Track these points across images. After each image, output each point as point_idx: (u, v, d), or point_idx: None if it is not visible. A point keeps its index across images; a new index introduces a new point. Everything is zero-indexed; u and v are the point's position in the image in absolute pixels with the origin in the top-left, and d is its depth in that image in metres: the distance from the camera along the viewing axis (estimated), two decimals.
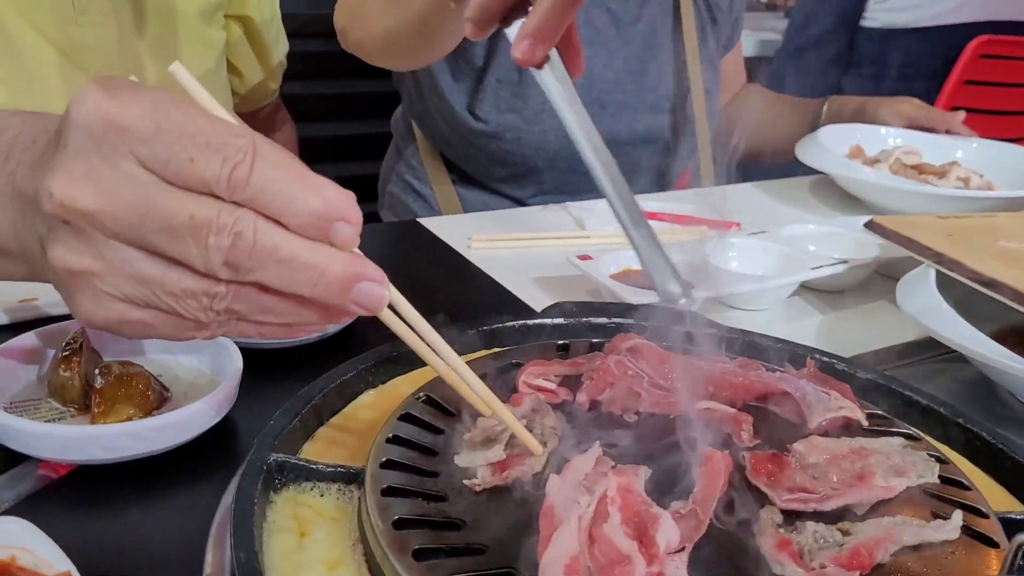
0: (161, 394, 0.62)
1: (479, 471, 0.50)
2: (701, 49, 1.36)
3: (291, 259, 0.41)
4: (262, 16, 1.30)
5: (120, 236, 0.40)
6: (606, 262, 0.86)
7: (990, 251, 0.77)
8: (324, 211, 0.41)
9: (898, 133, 1.34)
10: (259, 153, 0.40)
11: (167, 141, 0.39)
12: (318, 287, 0.43)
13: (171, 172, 0.40)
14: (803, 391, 0.56)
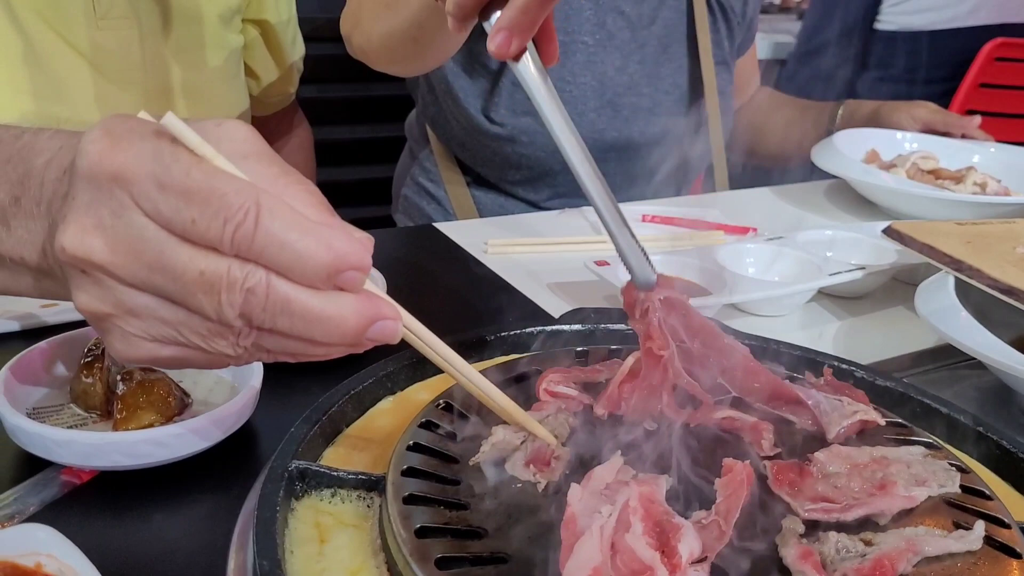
0: (182, 400, 0.62)
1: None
2: (715, 52, 1.36)
3: (305, 313, 0.42)
4: (279, 19, 1.30)
5: (136, 285, 0.41)
6: (624, 267, 0.86)
7: (1009, 258, 0.77)
8: (333, 265, 0.42)
9: (914, 138, 1.34)
10: (263, 210, 0.40)
11: (169, 200, 0.39)
12: (334, 336, 0.43)
13: (177, 229, 0.40)
14: (816, 400, 0.56)
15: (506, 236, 1.03)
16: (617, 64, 1.27)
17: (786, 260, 0.92)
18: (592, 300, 0.87)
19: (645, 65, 1.29)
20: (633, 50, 1.28)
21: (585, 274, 0.88)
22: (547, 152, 1.26)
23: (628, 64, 1.28)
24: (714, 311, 0.83)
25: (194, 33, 1.15)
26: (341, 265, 0.42)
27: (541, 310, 0.85)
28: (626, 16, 1.27)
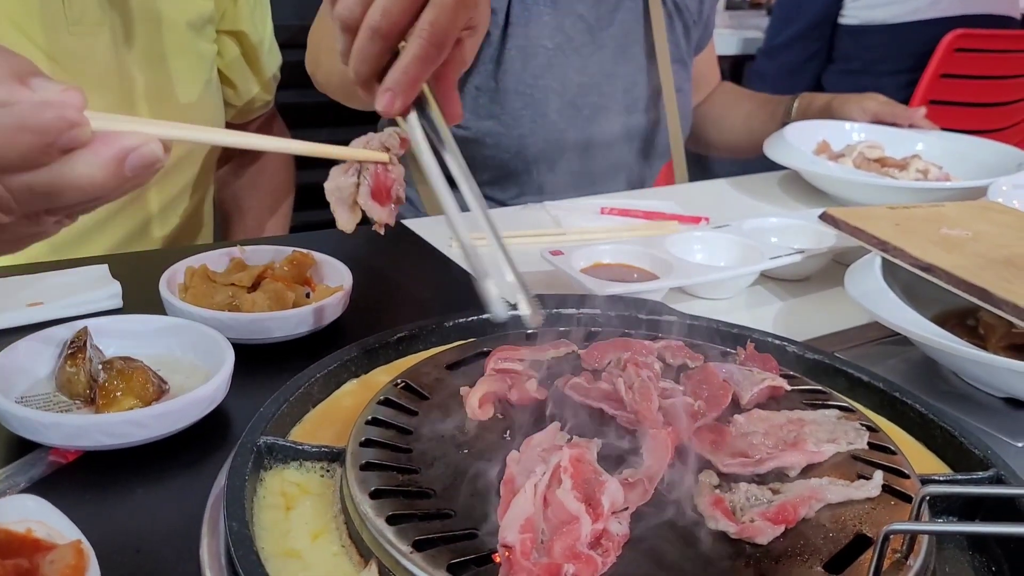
0: (160, 386, 0.67)
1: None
2: (672, 50, 1.41)
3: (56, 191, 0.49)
4: (255, 30, 1.32)
5: None
6: (577, 257, 0.92)
7: (933, 238, 0.83)
8: (43, 141, 0.48)
9: (862, 128, 1.40)
10: None
11: None
12: (97, 191, 0.50)
13: None
14: (729, 371, 0.61)
15: (471, 231, 1.08)
16: (576, 66, 1.33)
17: (732, 247, 0.97)
18: (552, 288, 0.92)
19: (604, 66, 1.35)
20: (592, 52, 1.33)
21: (543, 263, 0.93)
22: (511, 153, 1.31)
23: (588, 65, 1.33)
24: (662, 295, 0.88)
25: (165, 40, 1.17)
26: (49, 138, 0.48)
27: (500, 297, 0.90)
28: (584, 19, 1.32)
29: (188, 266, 0.82)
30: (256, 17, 1.32)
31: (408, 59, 0.61)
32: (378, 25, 0.61)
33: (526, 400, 0.61)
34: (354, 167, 0.64)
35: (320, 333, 0.79)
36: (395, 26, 0.61)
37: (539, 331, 0.73)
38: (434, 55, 0.61)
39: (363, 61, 0.63)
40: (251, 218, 1.43)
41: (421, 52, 0.61)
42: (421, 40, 0.61)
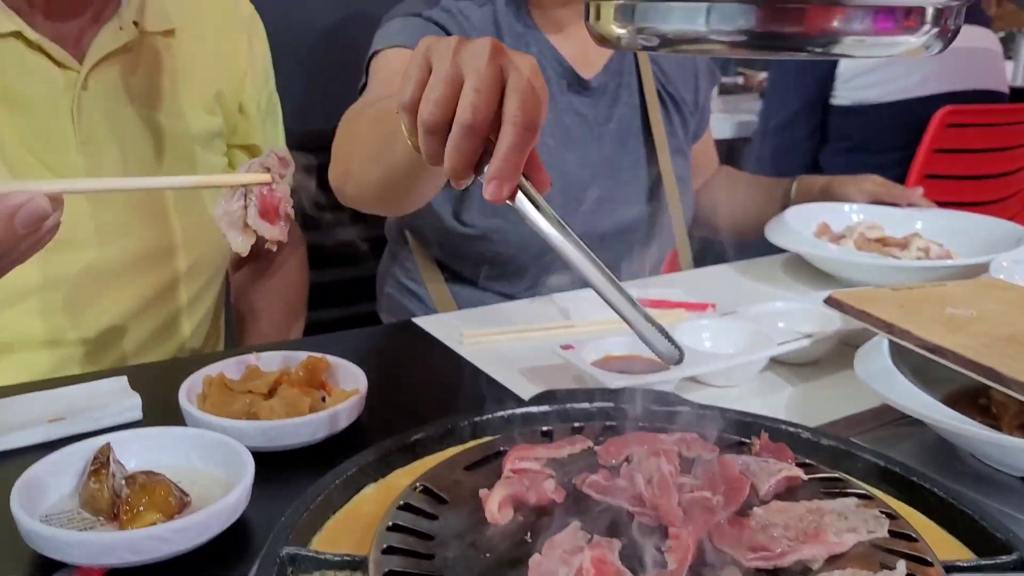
0: (181, 499, 0.68)
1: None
2: (671, 141, 1.44)
3: None
4: (267, 141, 1.34)
5: None
6: (588, 350, 0.93)
7: (938, 318, 0.84)
8: None
9: (860, 209, 1.42)
10: None
11: None
12: None
13: None
14: (745, 463, 0.62)
15: (481, 327, 1.10)
16: (578, 160, 1.36)
17: (740, 333, 0.98)
18: (561, 382, 0.94)
19: (605, 159, 1.38)
20: (592, 146, 1.37)
21: (554, 358, 0.94)
22: (519, 248, 1.33)
23: (589, 159, 1.37)
24: (673, 385, 0.89)
25: (172, 155, 1.19)
26: None
27: (513, 394, 0.91)
28: (583, 116, 1.36)
29: (206, 375, 0.83)
30: (267, 129, 1.34)
31: (506, 147, 0.64)
32: (471, 122, 0.64)
33: (544, 501, 0.61)
34: (239, 191, 0.68)
35: (338, 437, 0.80)
36: (485, 120, 0.65)
37: (554, 428, 0.74)
38: (529, 138, 0.65)
39: (459, 157, 0.66)
40: (266, 321, 1.43)
41: (517, 139, 0.64)
42: (515, 127, 0.64)
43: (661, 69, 1.45)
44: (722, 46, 0.46)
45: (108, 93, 1.12)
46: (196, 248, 1.22)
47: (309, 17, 2.15)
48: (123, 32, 1.11)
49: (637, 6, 0.48)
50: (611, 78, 1.39)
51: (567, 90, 1.35)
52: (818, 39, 0.44)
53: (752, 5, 0.43)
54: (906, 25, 0.45)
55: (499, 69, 0.65)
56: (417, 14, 1.27)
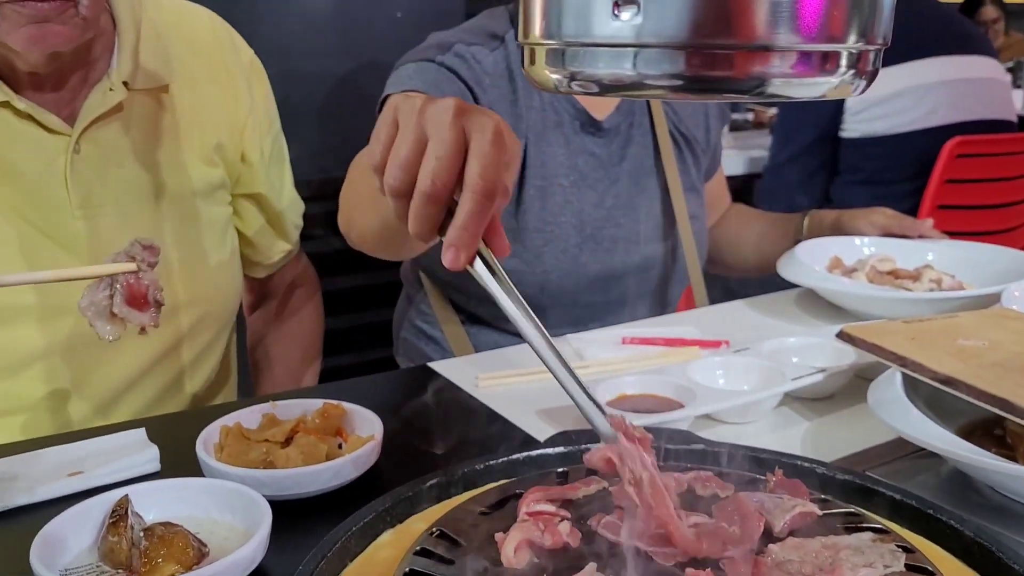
0: (200, 550, 0.68)
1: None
2: (683, 179, 1.46)
3: None
4: (272, 189, 1.33)
5: None
6: (601, 390, 0.93)
7: (950, 350, 0.84)
8: None
9: (871, 242, 1.43)
10: None
11: None
12: None
13: None
14: (760, 500, 0.62)
15: (495, 369, 1.10)
16: (593, 201, 1.37)
17: (754, 369, 0.99)
18: (575, 422, 0.93)
19: (619, 199, 1.39)
20: (607, 186, 1.39)
21: (568, 399, 0.94)
22: (535, 289, 1.34)
23: (604, 199, 1.38)
24: (687, 423, 0.89)
25: (170, 212, 1.17)
26: None
27: (528, 436, 0.91)
28: (597, 156, 1.38)
29: (223, 425, 0.84)
30: (273, 176, 1.33)
31: (465, 215, 0.64)
32: (430, 191, 0.64)
33: (559, 544, 0.61)
34: (105, 281, 0.69)
35: (355, 483, 0.80)
36: (446, 187, 0.65)
37: (569, 469, 0.74)
38: (488, 205, 0.65)
39: (421, 223, 0.66)
40: (281, 367, 1.44)
41: (476, 207, 0.64)
42: (474, 194, 0.64)
43: (673, 109, 1.47)
44: (661, 90, 0.46)
45: (102, 154, 1.10)
46: (199, 305, 1.20)
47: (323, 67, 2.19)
48: (113, 93, 1.09)
49: (567, 51, 0.49)
50: (623, 119, 1.41)
51: (580, 131, 1.37)
52: (746, 82, 0.45)
53: (675, 50, 0.44)
54: (824, 68, 0.46)
55: (461, 131, 0.65)
56: (430, 59, 1.29)
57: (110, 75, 1.10)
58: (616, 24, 0.45)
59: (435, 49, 1.31)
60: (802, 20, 0.44)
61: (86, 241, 1.09)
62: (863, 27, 0.46)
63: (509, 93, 1.33)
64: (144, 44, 1.14)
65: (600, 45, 0.47)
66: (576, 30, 0.48)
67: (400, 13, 2.20)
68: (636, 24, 0.45)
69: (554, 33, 0.49)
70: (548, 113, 1.36)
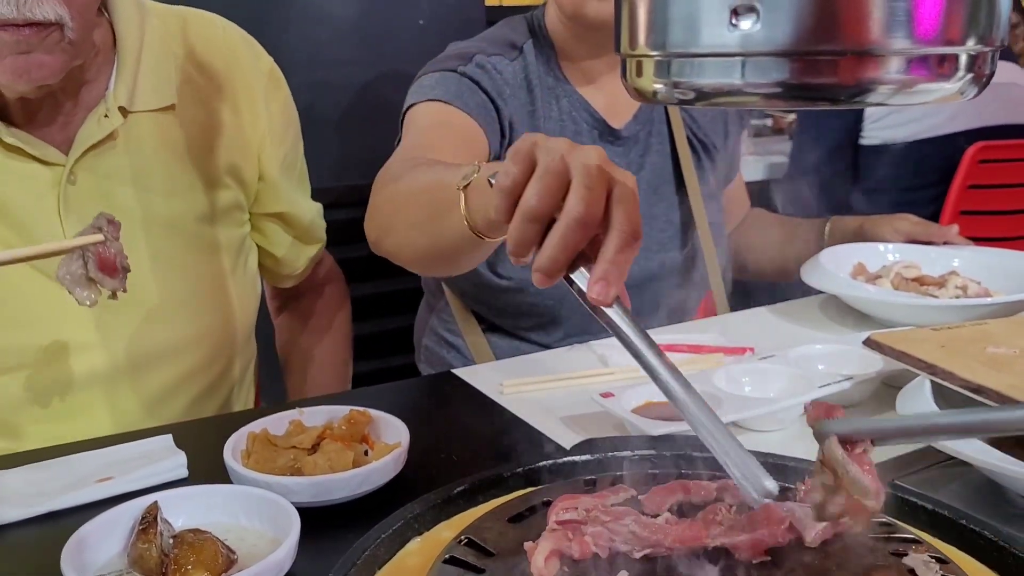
0: (229, 557, 0.68)
1: None
2: (702, 187, 1.45)
3: None
4: (296, 204, 1.28)
5: None
6: (628, 397, 0.93)
7: (980, 358, 0.83)
8: None
9: (896, 248, 1.42)
10: None
11: None
12: None
13: None
14: (791, 509, 0.62)
15: (520, 376, 1.10)
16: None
17: (780, 376, 0.98)
18: (601, 430, 0.93)
19: (639, 207, 1.38)
20: None
21: (594, 406, 0.94)
22: (555, 300, 1.34)
23: None
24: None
25: (181, 240, 1.12)
26: None
27: (554, 443, 0.91)
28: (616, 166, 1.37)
29: (250, 432, 0.84)
30: (295, 188, 1.28)
31: (614, 250, 0.64)
32: (583, 216, 0.63)
33: (589, 553, 0.61)
34: (76, 253, 0.78)
35: (382, 490, 0.80)
36: (595, 217, 0.64)
37: (597, 477, 0.74)
38: (635, 247, 0.65)
39: (564, 250, 0.65)
40: (315, 368, 1.41)
41: (624, 244, 0.64)
42: (622, 234, 0.64)
43: (691, 116, 1.46)
44: (757, 98, 0.46)
45: (98, 184, 1.05)
46: (213, 336, 1.16)
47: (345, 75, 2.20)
48: (108, 120, 1.03)
49: (673, 62, 0.48)
50: (641, 127, 1.41)
51: (599, 140, 1.37)
52: (853, 89, 0.44)
53: (786, 58, 0.44)
54: (940, 72, 0.45)
55: (607, 175, 0.65)
56: (452, 70, 1.29)
57: (106, 99, 1.04)
58: (729, 34, 0.45)
59: (456, 59, 1.31)
60: (920, 23, 0.43)
61: None
62: (983, 28, 0.45)
63: (528, 103, 1.33)
64: (147, 60, 1.08)
65: (710, 55, 0.47)
66: (685, 40, 0.47)
67: (422, 21, 2.21)
68: (751, 33, 0.44)
69: (661, 44, 0.49)
70: (567, 123, 1.35)
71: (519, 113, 1.31)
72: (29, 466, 0.86)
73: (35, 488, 0.82)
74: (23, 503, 0.79)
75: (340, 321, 1.48)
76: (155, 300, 1.10)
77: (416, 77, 1.34)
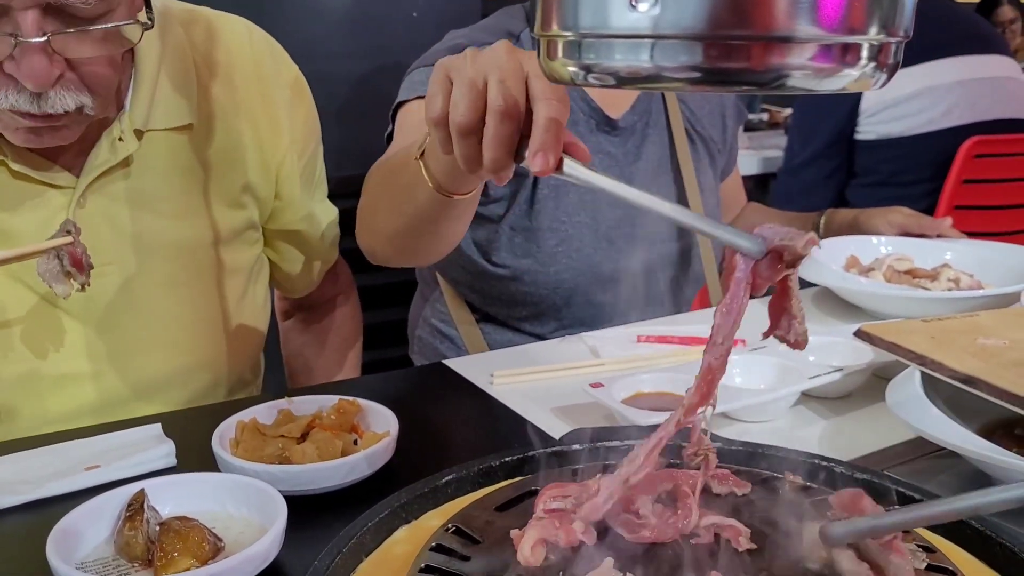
0: (215, 544, 0.68)
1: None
2: (699, 178, 1.45)
3: None
4: (313, 222, 1.24)
5: None
6: (617, 388, 0.93)
7: (970, 350, 0.83)
8: None
9: (888, 241, 1.42)
10: None
11: None
12: None
13: None
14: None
15: (510, 367, 1.10)
16: (608, 199, 1.36)
17: (770, 368, 0.98)
18: (591, 420, 0.93)
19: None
20: None
21: (584, 396, 0.94)
22: (549, 289, 1.34)
23: (619, 200, 1.37)
24: (704, 421, 0.89)
25: (192, 264, 1.08)
26: None
27: (544, 433, 0.91)
28: (612, 156, 1.37)
29: (239, 420, 0.84)
30: (314, 206, 1.24)
31: (544, 119, 0.67)
32: (504, 108, 0.68)
33: (574, 542, 0.61)
34: (52, 253, 0.87)
35: (370, 479, 0.80)
36: (517, 104, 0.69)
37: (586, 467, 0.74)
38: (563, 109, 0.67)
39: (500, 145, 0.69)
40: (320, 374, 1.39)
41: (551, 110, 0.67)
42: (547, 100, 0.67)
43: (689, 107, 1.46)
44: (674, 82, 0.46)
45: (108, 208, 1.01)
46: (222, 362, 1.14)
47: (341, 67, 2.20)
48: (123, 144, 0.99)
49: (583, 42, 0.48)
50: (639, 117, 1.40)
51: (596, 130, 1.37)
52: (763, 75, 0.45)
53: (693, 41, 0.44)
54: (844, 60, 0.46)
55: (518, 60, 0.69)
56: None
57: (121, 120, 0.99)
58: (633, 15, 0.45)
59: (447, 52, 1.29)
60: (823, 10, 0.44)
61: (90, 303, 1.01)
62: (885, 18, 0.46)
63: None
64: (166, 77, 1.03)
65: (617, 36, 0.47)
66: (593, 21, 0.48)
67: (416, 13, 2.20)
68: (654, 15, 0.45)
69: (570, 25, 0.49)
70: None
71: None
72: (17, 454, 0.86)
73: (22, 476, 0.81)
74: (10, 490, 0.79)
75: (348, 330, 1.43)
76: (160, 324, 1.07)
77: (408, 71, 1.33)
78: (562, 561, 0.60)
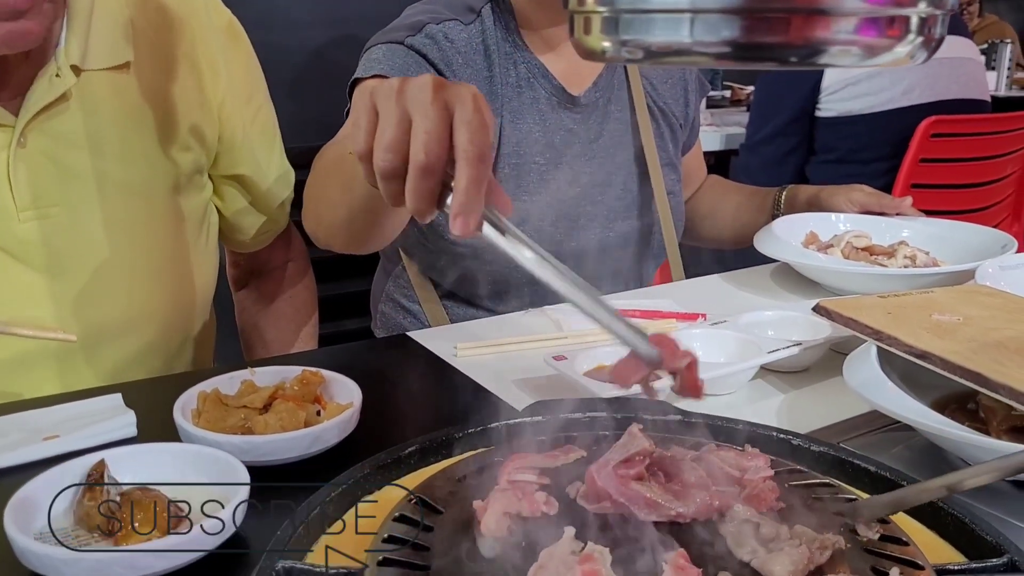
0: (176, 515, 0.68)
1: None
2: (661, 155, 1.45)
3: None
4: (258, 168, 1.24)
5: None
6: (580, 360, 0.93)
7: (925, 325, 0.85)
8: None
9: (847, 218, 1.44)
10: None
11: None
12: None
13: None
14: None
15: (474, 339, 1.10)
16: (569, 178, 1.36)
17: (730, 342, 0.99)
18: (554, 392, 0.94)
19: (596, 176, 1.39)
20: (583, 163, 1.38)
21: (547, 369, 0.95)
22: (512, 267, 1.33)
23: (579, 176, 1.37)
24: (664, 394, 0.90)
25: (141, 209, 1.08)
26: None
27: (507, 405, 0.92)
28: (574, 133, 1.37)
29: (201, 391, 0.84)
30: (258, 152, 1.24)
31: (464, 183, 0.65)
32: (425, 164, 0.66)
33: (537, 512, 0.61)
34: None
35: (333, 450, 0.80)
36: (439, 159, 0.66)
37: (548, 438, 0.74)
38: (484, 169, 0.66)
39: (420, 198, 0.67)
40: (276, 347, 1.38)
41: (474, 172, 0.65)
42: (469, 161, 0.65)
43: (651, 83, 1.46)
44: (707, 58, 0.46)
45: (51, 147, 1.00)
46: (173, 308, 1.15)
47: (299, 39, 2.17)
48: (60, 80, 0.98)
49: (621, 18, 0.48)
50: (601, 94, 1.40)
51: (557, 107, 1.36)
52: (803, 49, 0.44)
53: (736, 16, 0.44)
54: (890, 34, 0.45)
55: (444, 104, 0.67)
56: (399, 42, 1.26)
57: (56, 57, 0.99)
58: None
59: (405, 30, 1.27)
60: None
61: (37, 247, 1.00)
62: None
63: (484, 69, 1.31)
64: (100, 14, 1.03)
65: (656, 11, 0.47)
66: None
67: None
68: None
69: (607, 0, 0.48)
70: (524, 90, 1.34)
71: (474, 80, 1.29)
72: None
73: None
74: None
75: (302, 301, 1.43)
76: (110, 270, 1.06)
77: (366, 46, 1.31)
78: (525, 530, 0.60)
